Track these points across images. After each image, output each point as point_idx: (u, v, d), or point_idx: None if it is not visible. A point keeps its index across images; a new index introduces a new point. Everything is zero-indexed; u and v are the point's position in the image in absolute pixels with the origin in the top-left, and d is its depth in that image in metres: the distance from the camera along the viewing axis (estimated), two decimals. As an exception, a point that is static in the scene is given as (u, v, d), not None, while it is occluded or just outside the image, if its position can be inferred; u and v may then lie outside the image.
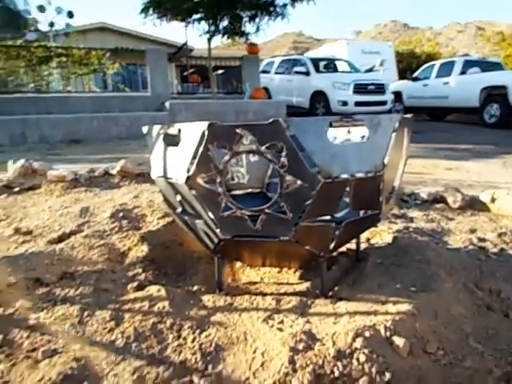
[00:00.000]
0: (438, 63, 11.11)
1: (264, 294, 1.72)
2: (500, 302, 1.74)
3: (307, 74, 10.05)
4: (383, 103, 9.67)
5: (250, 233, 1.44)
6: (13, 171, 3.21)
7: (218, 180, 1.39)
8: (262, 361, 1.31)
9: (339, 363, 1.27)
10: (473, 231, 2.60)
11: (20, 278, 1.73)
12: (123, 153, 6.60)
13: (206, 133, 1.34)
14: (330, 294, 1.70)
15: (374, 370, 1.25)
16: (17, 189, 3.15)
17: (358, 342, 1.31)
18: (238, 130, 1.29)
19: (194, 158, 1.39)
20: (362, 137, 1.41)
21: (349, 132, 2.14)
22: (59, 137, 7.26)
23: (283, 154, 1.28)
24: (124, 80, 13.71)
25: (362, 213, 1.54)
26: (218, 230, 1.47)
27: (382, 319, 1.41)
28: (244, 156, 2.32)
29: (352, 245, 2.15)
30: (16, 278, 1.73)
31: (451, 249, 2.25)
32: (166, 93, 8.71)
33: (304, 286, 1.78)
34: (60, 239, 2.12)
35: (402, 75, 13.19)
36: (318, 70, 10.15)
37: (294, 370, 1.25)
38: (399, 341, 1.33)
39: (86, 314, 1.52)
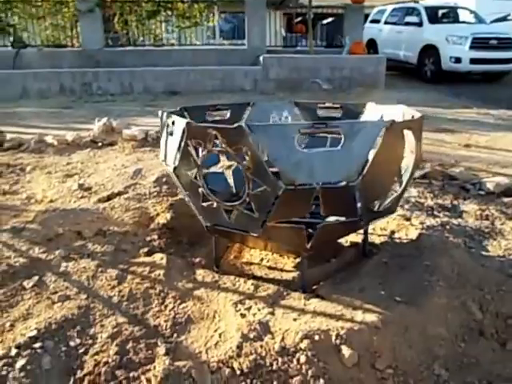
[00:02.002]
0: None
1: (252, 277, 1.84)
2: (502, 329, 1.58)
3: (419, 24, 8.89)
4: (507, 61, 8.14)
5: (226, 224, 1.54)
6: (97, 128, 3.73)
7: (198, 173, 1.49)
8: (217, 340, 1.46)
9: (280, 359, 1.36)
10: (531, 238, 2.27)
11: (66, 230, 2.13)
12: (212, 107, 7.00)
13: (186, 130, 1.44)
14: (315, 287, 1.74)
15: (310, 372, 1.31)
16: (100, 144, 3.67)
17: (304, 344, 1.37)
18: (209, 131, 1.36)
19: (178, 150, 1.51)
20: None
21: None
22: (161, 88, 7.91)
23: (247, 157, 1.32)
24: (234, 29, 13.90)
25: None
26: (200, 217, 1.60)
27: (340, 326, 1.43)
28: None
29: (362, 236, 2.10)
30: (64, 229, 2.14)
31: (484, 256, 2.02)
32: (262, 46, 8.66)
33: (293, 274, 1.83)
34: (109, 198, 2.49)
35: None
36: (432, 21, 8.87)
37: (239, 355, 1.38)
38: (346, 351, 1.35)
39: (100, 269, 1.84)
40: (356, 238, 2.11)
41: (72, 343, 1.48)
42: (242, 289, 1.71)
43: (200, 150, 1.47)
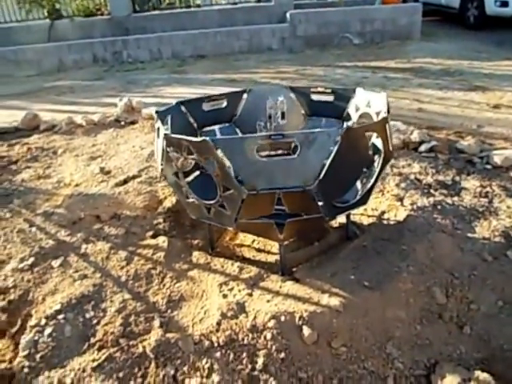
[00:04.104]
0: None
1: (242, 258, 2.06)
2: (464, 313, 1.71)
3: (462, -37, 8.04)
4: None
5: (207, 218, 1.75)
6: (119, 108, 3.97)
7: (180, 175, 1.69)
8: (202, 317, 1.73)
9: (250, 335, 1.60)
10: (526, 217, 2.28)
11: (87, 214, 2.44)
12: (238, 70, 6.97)
13: (165, 139, 1.62)
14: (294, 269, 1.93)
15: (274, 347, 1.55)
16: (122, 123, 3.93)
17: (272, 323, 1.60)
18: (182, 142, 1.54)
19: (162, 155, 1.70)
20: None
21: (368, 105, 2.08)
22: (188, 52, 7.95)
23: (215, 166, 1.49)
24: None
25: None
26: (188, 211, 1.82)
27: (304, 308, 1.63)
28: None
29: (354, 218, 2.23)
30: (85, 213, 2.45)
31: (468, 238, 2.09)
32: (289, 0, 8.31)
33: (277, 257, 2.02)
34: (125, 181, 2.77)
35: None
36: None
37: (217, 330, 1.64)
38: (307, 330, 1.56)
39: (112, 251, 2.14)
40: (344, 220, 2.24)
41: (87, 315, 1.81)
42: (228, 271, 1.94)
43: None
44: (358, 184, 2.05)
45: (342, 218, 2.20)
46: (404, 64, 6.38)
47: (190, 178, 2.13)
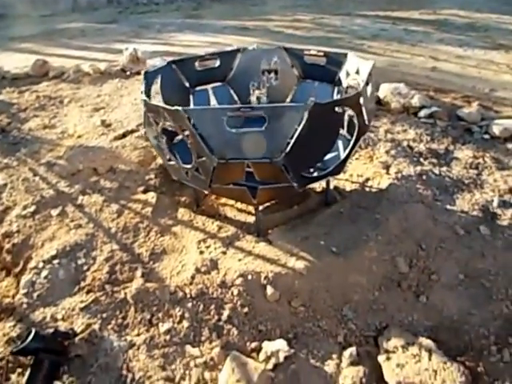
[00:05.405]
0: None
1: (223, 218, 2.18)
2: (424, 283, 1.80)
3: None
4: None
5: (186, 181, 1.85)
6: (125, 58, 3.97)
7: (160, 139, 1.77)
8: (179, 270, 1.89)
9: (219, 289, 1.75)
10: None
11: (85, 166, 2.58)
12: (253, 16, 6.70)
13: (145, 105, 1.68)
14: (270, 231, 2.05)
15: (239, 302, 1.70)
16: (128, 73, 3.95)
17: (239, 280, 1.74)
18: (159, 109, 1.60)
19: (144, 119, 1.77)
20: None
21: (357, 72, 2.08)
22: (205, -6, 7.65)
23: (189, 135, 1.56)
24: None
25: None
26: (169, 171, 1.92)
27: (270, 269, 1.76)
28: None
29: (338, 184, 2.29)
30: (84, 166, 2.59)
31: (446, 210, 2.13)
32: None
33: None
34: (123, 135, 2.86)
35: None
36: None
37: (191, 283, 1.80)
38: (270, 290, 1.69)
39: (105, 204, 2.29)
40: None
41: (79, 262, 2.00)
42: (208, 229, 2.07)
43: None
44: (342, 152, 2.10)
45: (324, 183, 2.26)
46: (428, 15, 6.00)
47: (180, 137, 2.21)
